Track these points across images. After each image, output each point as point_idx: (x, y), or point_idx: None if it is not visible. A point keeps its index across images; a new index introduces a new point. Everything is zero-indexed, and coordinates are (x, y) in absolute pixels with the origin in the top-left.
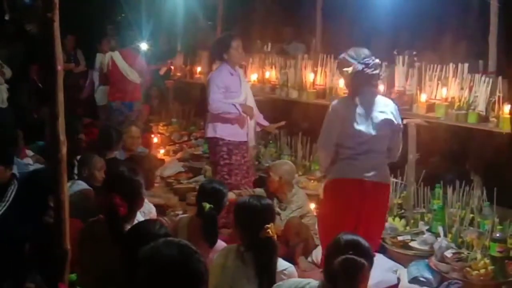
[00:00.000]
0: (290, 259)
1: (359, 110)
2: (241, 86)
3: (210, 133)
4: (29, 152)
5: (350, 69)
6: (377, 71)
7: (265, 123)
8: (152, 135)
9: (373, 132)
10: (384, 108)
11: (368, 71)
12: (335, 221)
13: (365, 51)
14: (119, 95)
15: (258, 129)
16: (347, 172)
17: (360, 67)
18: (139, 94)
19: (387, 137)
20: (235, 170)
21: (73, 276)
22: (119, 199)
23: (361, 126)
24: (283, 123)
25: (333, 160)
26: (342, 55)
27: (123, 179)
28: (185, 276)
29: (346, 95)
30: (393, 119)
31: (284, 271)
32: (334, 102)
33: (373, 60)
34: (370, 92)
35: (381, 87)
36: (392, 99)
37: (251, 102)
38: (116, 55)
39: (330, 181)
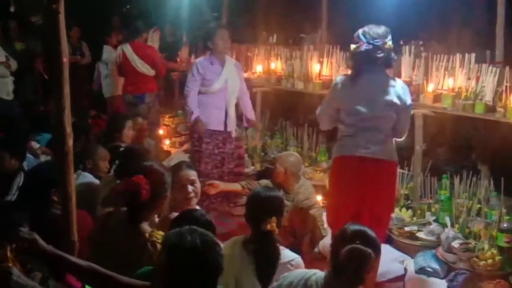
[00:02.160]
0: (297, 249)
1: (360, 89)
2: (220, 76)
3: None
4: (35, 144)
5: (354, 47)
6: (382, 54)
7: (253, 117)
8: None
9: (373, 112)
10: (388, 88)
11: (374, 53)
12: (339, 199)
13: (380, 31)
14: (130, 88)
15: (246, 124)
16: (347, 150)
17: (366, 47)
18: (152, 86)
19: (390, 117)
20: (206, 158)
21: None
22: (144, 181)
23: (360, 106)
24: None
25: (336, 137)
26: (358, 31)
27: (152, 169)
28: (204, 265)
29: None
30: (397, 101)
31: (291, 262)
32: (338, 77)
33: (384, 43)
34: (375, 72)
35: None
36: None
37: (232, 93)
38: (127, 48)
39: (333, 159)
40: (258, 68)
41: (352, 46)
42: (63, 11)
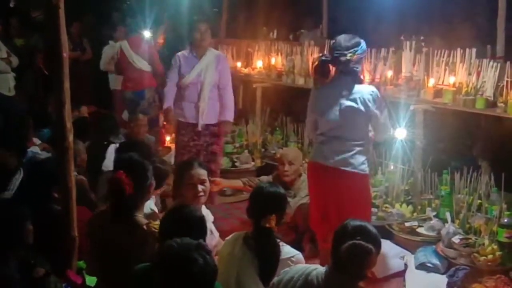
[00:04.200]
0: (299, 245)
1: (327, 97)
2: (191, 69)
3: None
4: (37, 140)
5: (318, 57)
6: (340, 66)
7: (227, 118)
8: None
9: (339, 120)
10: (355, 95)
11: (334, 63)
12: (310, 200)
13: (347, 43)
14: (130, 85)
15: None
16: (316, 156)
17: (324, 58)
18: (150, 81)
19: (357, 125)
20: (181, 150)
21: (81, 263)
22: (125, 176)
23: (327, 113)
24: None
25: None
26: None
27: (132, 161)
28: (196, 275)
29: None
30: (362, 108)
31: (292, 258)
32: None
33: (344, 54)
34: (340, 80)
35: (389, 73)
36: (375, 86)
37: (206, 86)
38: (124, 44)
39: (308, 163)
40: (259, 63)
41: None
42: (63, 6)
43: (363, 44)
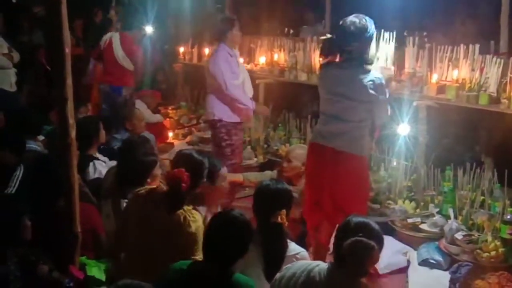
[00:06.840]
0: (303, 240)
1: (329, 79)
2: (238, 67)
3: (209, 116)
4: (40, 137)
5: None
6: (347, 48)
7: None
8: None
9: (337, 102)
10: (356, 80)
11: (338, 41)
12: (306, 183)
13: (347, 27)
14: (109, 78)
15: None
16: (314, 137)
17: (330, 35)
18: (130, 81)
19: (356, 108)
20: (237, 149)
21: (84, 258)
22: (186, 175)
23: (327, 95)
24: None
25: None
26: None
27: (192, 158)
28: None
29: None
30: (364, 93)
31: (297, 255)
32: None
33: (347, 44)
34: (345, 62)
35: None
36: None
37: (248, 85)
38: (115, 37)
39: (308, 143)
40: (261, 59)
41: (323, 37)
42: (65, 2)
43: (370, 28)
